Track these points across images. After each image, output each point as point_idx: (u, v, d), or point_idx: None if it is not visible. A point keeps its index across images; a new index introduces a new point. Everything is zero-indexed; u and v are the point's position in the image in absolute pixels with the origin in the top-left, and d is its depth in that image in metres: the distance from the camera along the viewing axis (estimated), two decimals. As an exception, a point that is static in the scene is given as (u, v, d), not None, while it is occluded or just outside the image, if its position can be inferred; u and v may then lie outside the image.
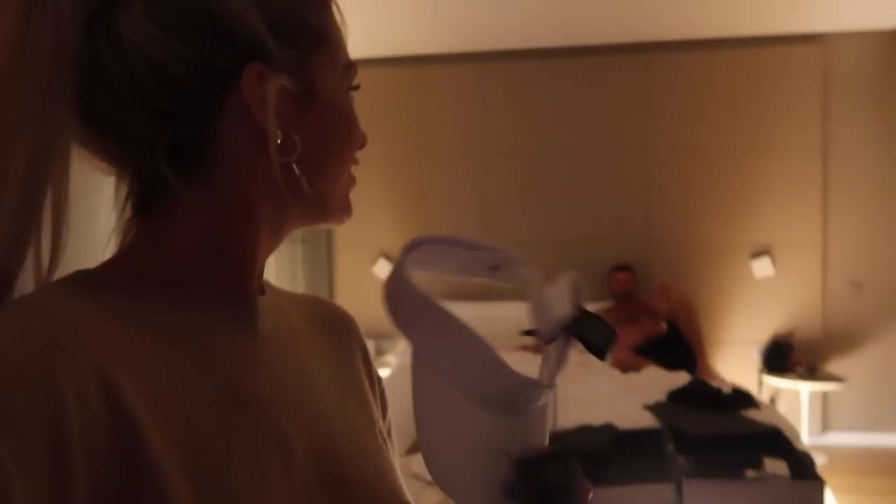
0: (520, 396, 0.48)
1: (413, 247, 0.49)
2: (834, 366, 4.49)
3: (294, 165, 0.47)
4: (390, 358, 4.61)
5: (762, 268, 4.53)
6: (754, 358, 4.50)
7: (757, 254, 4.58)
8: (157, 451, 0.38)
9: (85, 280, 0.45)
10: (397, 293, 0.48)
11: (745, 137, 4.59)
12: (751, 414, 2.87)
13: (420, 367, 0.47)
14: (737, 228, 4.63)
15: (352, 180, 0.54)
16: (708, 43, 4.59)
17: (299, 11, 0.47)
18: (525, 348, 4.41)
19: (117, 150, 0.47)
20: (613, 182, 4.77)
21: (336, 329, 0.61)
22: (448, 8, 4.02)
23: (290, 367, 0.50)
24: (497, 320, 4.67)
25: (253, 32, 0.45)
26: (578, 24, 4.36)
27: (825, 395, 4.47)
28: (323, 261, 5.09)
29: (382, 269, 4.95)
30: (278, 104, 0.46)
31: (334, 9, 0.51)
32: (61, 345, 0.37)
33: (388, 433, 0.61)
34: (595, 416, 2.80)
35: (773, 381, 4.29)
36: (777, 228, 4.57)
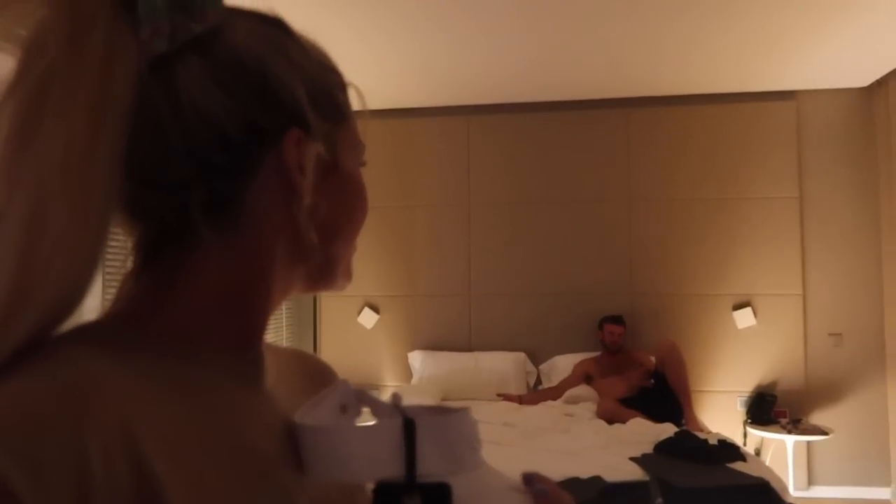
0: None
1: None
2: (817, 417, 4.49)
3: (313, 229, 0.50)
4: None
5: (744, 318, 4.57)
6: (738, 409, 4.50)
7: (739, 305, 4.63)
8: None
9: (98, 332, 0.45)
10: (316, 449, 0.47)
11: (724, 190, 4.69)
12: (738, 466, 2.85)
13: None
14: (718, 279, 4.68)
15: (355, 249, 0.57)
16: (687, 98, 4.74)
17: (330, 89, 0.52)
18: (504, 397, 4.38)
19: (148, 199, 0.46)
20: (596, 233, 4.83)
21: (319, 383, 0.61)
22: (437, 65, 4.12)
23: (287, 423, 0.51)
24: (480, 370, 4.66)
25: (296, 101, 0.48)
26: (562, 81, 4.48)
27: (809, 448, 4.47)
28: (308, 310, 5.06)
29: (367, 318, 4.94)
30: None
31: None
32: (89, 401, 0.37)
33: None
34: (582, 468, 2.77)
35: (758, 433, 4.28)
36: (758, 280, 4.63)
